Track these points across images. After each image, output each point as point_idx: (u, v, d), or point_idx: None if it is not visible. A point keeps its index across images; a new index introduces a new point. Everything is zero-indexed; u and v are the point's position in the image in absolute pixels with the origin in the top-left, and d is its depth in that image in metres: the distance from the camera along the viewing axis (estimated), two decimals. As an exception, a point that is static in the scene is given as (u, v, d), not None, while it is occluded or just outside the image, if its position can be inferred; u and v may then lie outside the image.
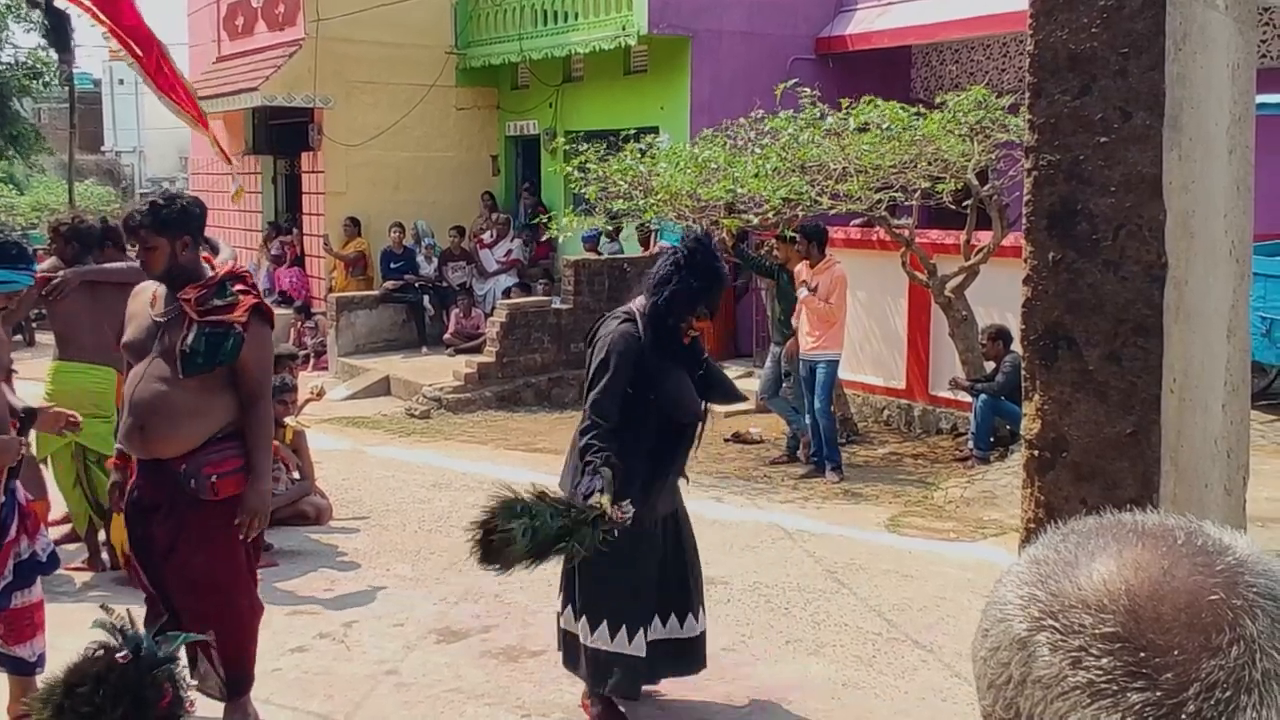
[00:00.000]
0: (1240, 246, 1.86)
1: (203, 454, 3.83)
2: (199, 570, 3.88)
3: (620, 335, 4.10)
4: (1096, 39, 1.70)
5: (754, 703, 4.38)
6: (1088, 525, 0.75)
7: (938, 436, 9.42)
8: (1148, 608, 0.67)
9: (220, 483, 3.84)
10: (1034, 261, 1.75)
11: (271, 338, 4.06)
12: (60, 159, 14.16)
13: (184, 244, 3.87)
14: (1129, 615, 0.67)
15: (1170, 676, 0.64)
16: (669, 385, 4.08)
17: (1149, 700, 0.64)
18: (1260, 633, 0.66)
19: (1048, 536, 0.75)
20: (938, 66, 13.86)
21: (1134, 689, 0.65)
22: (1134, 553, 0.70)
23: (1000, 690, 0.71)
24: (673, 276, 4.07)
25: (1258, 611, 0.66)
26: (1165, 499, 1.70)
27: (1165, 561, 0.69)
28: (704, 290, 4.09)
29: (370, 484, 7.97)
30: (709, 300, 4.13)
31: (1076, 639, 0.68)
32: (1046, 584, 0.71)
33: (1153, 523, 0.73)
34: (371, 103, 14.67)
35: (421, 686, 4.55)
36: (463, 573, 5.98)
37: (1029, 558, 0.75)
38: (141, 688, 3.11)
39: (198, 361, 3.80)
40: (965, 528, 6.87)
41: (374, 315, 13.81)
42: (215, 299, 3.85)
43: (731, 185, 8.68)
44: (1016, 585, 0.73)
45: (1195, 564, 0.69)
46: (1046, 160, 1.74)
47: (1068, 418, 1.72)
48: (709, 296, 4.12)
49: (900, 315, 9.86)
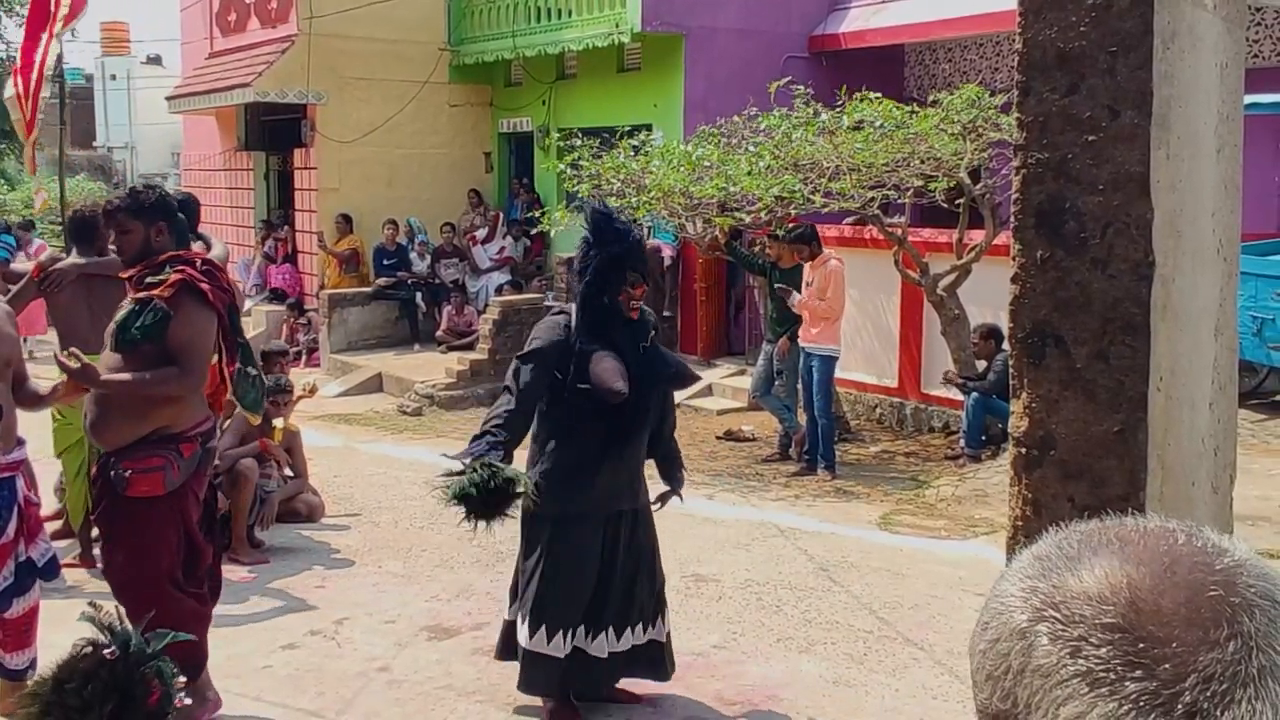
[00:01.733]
0: (1228, 245, 1.86)
1: (131, 449, 3.80)
2: (118, 568, 3.86)
3: (543, 325, 4.12)
4: (1085, 37, 1.70)
5: (745, 700, 4.38)
6: (1090, 525, 0.76)
7: (930, 434, 9.43)
8: (1148, 600, 0.68)
9: (134, 479, 3.78)
10: (1022, 260, 1.76)
11: (208, 319, 3.92)
12: (52, 154, 14.13)
13: (158, 230, 3.91)
14: (1129, 607, 0.68)
15: (1168, 667, 0.65)
16: (593, 367, 3.95)
17: (1146, 690, 0.65)
18: (1257, 630, 0.67)
19: (1051, 535, 0.77)
20: (931, 65, 13.87)
21: (1132, 678, 0.65)
22: (1136, 550, 0.71)
23: (999, 681, 0.72)
24: (588, 253, 4.07)
25: (1255, 610, 0.68)
26: (1152, 497, 1.71)
27: (1167, 559, 0.70)
28: (621, 254, 4.04)
29: (362, 481, 7.96)
30: (631, 261, 4.06)
31: (1077, 629, 0.68)
32: (1049, 577, 0.72)
33: (1154, 525, 0.74)
34: (364, 99, 14.64)
35: (413, 683, 4.55)
36: (454, 570, 5.99)
37: (1032, 554, 0.76)
38: (130, 684, 3.10)
39: (122, 336, 3.79)
40: (957, 526, 6.88)
41: (366, 312, 13.79)
42: (150, 276, 3.86)
43: (725, 183, 8.69)
44: (1019, 579, 0.74)
45: (1195, 562, 0.70)
46: (1035, 158, 1.74)
47: (1055, 416, 1.73)
48: (629, 258, 4.05)
49: (893, 313, 9.87)
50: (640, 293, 4.09)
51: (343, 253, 14.52)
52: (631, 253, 4.08)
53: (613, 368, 3.93)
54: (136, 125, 32.63)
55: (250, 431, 6.58)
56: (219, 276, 4.08)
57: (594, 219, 4.13)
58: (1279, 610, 0.68)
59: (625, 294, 4.04)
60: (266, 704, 4.34)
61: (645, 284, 4.14)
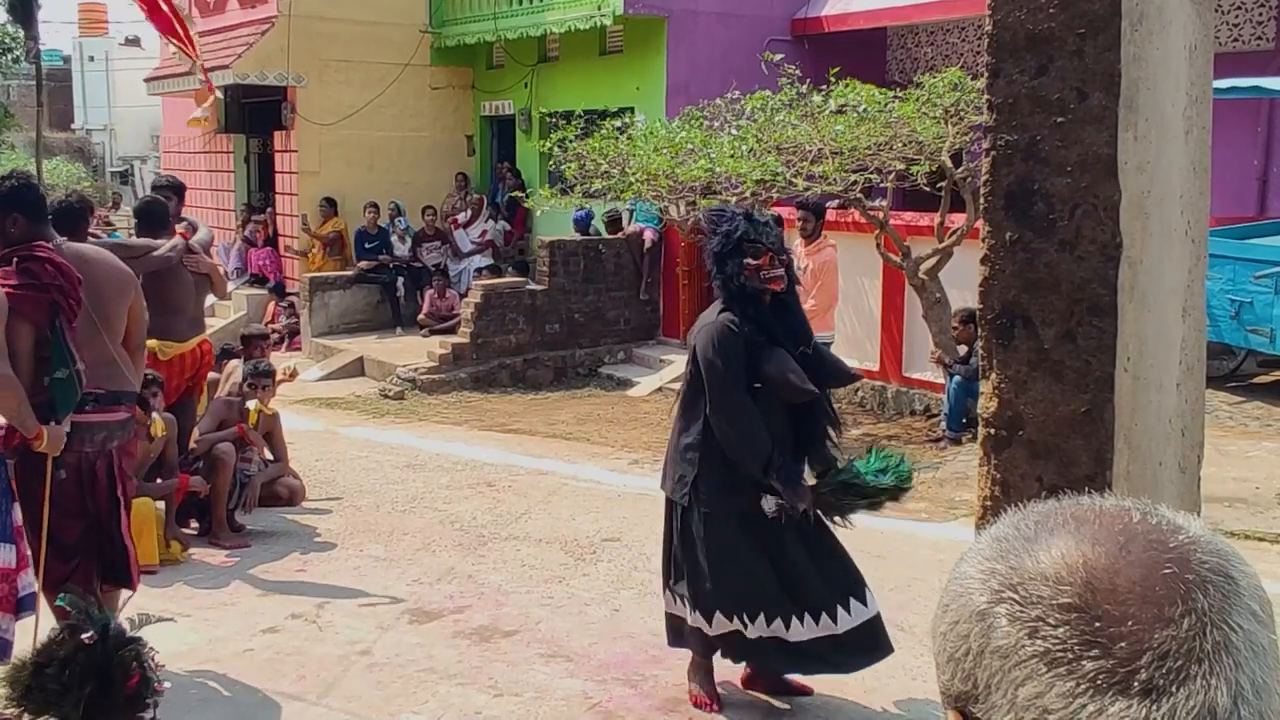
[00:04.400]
0: (1196, 227, 1.88)
1: None
2: None
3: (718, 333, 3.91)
4: (1054, 19, 1.70)
5: (725, 682, 4.40)
6: (1048, 506, 0.77)
7: (911, 418, 9.47)
8: (1104, 580, 0.68)
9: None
10: (991, 241, 1.77)
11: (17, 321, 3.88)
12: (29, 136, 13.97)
13: (13, 221, 3.96)
14: (1085, 587, 0.68)
15: (1124, 645, 0.66)
16: (769, 368, 3.85)
17: (1103, 668, 0.66)
18: (1210, 606, 0.68)
19: (1008, 516, 0.77)
20: (913, 49, 13.87)
21: (1089, 657, 0.66)
22: (1092, 530, 0.72)
23: (959, 663, 0.73)
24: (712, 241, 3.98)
25: (1209, 586, 0.68)
26: (1119, 477, 1.72)
27: (1122, 538, 0.71)
28: (731, 230, 3.89)
29: (344, 465, 7.95)
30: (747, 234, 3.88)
31: (1034, 609, 0.69)
32: (1006, 558, 0.73)
33: (1110, 504, 0.75)
34: (345, 82, 14.55)
35: (394, 667, 4.56)
36: (436, 554, 5.99)
37: (990, 536, 0.77)
38: (109, 668, 3.11)
39: None
40: (937, 508, 6.92)
41: (348, 296, 13.74)
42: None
43: (709, 164, 8.68)
44: (977, 561, 0.75)
45: (1150, 541, 0.71)
46: (1004, 140, 1.75)
47: (1023, 396, 1.74)
48: (742, 232, 3.89)
49: (874, 297, 9.90)
50: (767, 260, 3.90)
51: (326, 236, 14.46)
52: (744, 227, 3.92)
53: (793, 365, 3.84)
54: (115, 107, 32.32)
55: (229, 416, 6.56)
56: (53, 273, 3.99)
57: (706, 217, 4.10)
58: (1232, 586, 0.69)
59: (750, 267, 3.88)
60: (247, 688, 4.34)
61: (772, 253, 3.93)
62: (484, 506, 6.90)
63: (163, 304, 6.55)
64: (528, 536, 6.29)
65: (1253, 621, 0.69)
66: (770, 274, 3.90)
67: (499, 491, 7.26)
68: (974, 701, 0.72)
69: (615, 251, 12.42)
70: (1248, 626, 0.68)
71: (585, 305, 12.21)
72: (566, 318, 12.11)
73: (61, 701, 3.06)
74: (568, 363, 12.04)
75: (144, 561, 5.67)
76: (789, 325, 4.00)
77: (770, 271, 3.90)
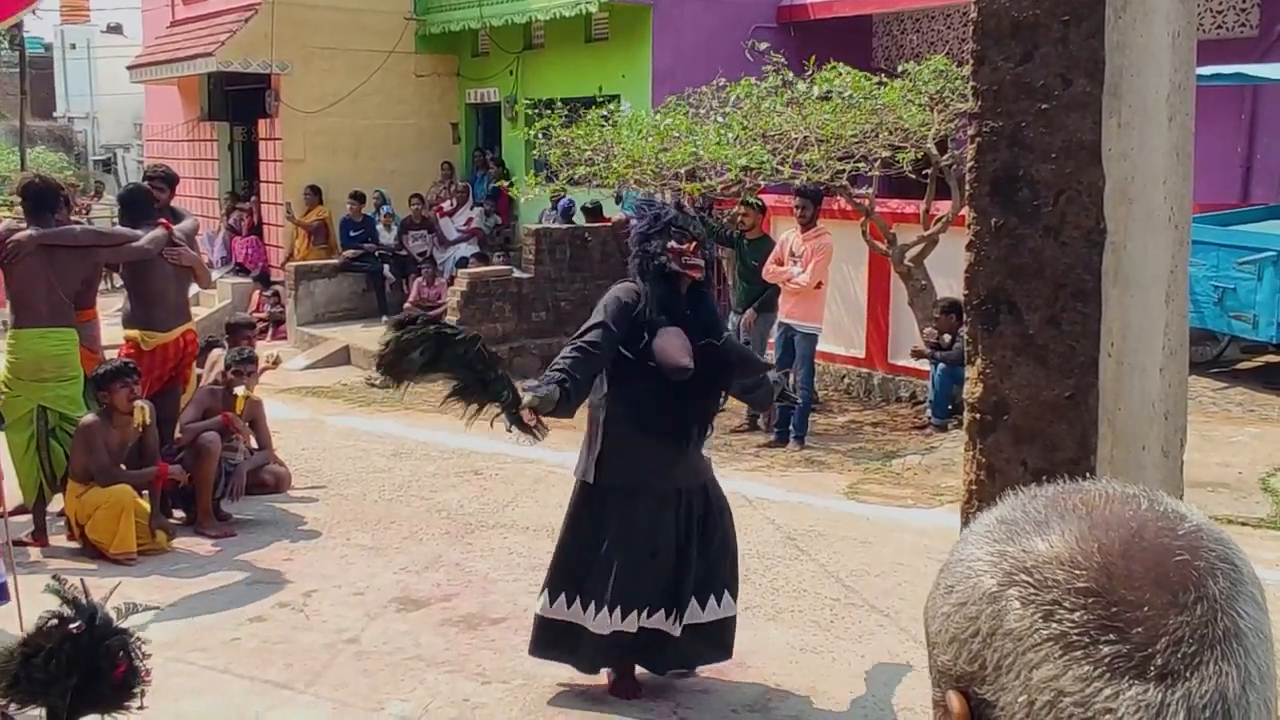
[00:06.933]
0: (1179, 213, 1.89)
1: None
2: None
3: (614, 292, 4.10)
4: (1039, 6, 1.71)
5: (712, 667, 4.42)
6: (1054, 490, 0.77)
7: (897, 405, 9.50)
8: (1120, 565, 0.69)
9: None
10: (977, 227, 1.77)
11: None
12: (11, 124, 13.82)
13: None
14: (1102, 571, 0.69)
15: (1140, 630, 0.67)
16: (657, 340, 3.96)
17: (1119, 653, 0.67)
18: (1221, 593, 0.68)
19: (1012, 500, 0.77)
20: (899, 36, 13.87)
21: (1105, 641, 0.67)
22: (1104, 515, 0.72)
23: (965, 644, 0.73)
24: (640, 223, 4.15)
25: (1218, 574, 0.69)
26: (1103, 460, 1.73)
27: (1134, 524, 0.71)
28: (658, 215, 4.09)
29: (330, 453, 7.93)
30: (672, 221, 4.06)
31: (1049, 593, 0.69)
32: (1018, 541, 0.73)
33: (1116, 489, 0.75)
34: (329, 69, 14.46)
35: (381, 655, 4.56)
36: (423, 542, 5.99)
37: (995, 518, 0.77)
38: (95, 658, 3.10)
39: None
40: (923, 494, 6.95)
41: (333, 284, 13.69)
42: None
43: (695, 150, 8.67)
44: (985, 543, 0.75)
45: (1160, 528, 0.71)
46: (989, 127, 1.75)
47: (1008, 381, 1.75)
48: (669, 220, 4.07)
49: (860, 284, 9.91)
50: (690, 248, 4.06)
51: (311, 224, 14.39)
52: (674, 214, 4.11)
53: (680, 344, 3.93)
54: (97, 95, 32.07)
55: (213, 405, 6.54)
56: None
57: (636, 205, 4.24)
58: (1238, 574, 0.70)
59: (674, 250, 4.03)
60: (234, 676, 4.34)
61: (695, 241, 4.09)
62: (471, 494, 6.90)
63: (144, 294, 6.52)
64: (514, 524, 6.29)
65: (1256, 609, 0.70)
66: (691, 260, 4.08)
67: (486, 479, 7.25)
68: (981, 682, 0.72)
69: (602, 240, 12.41)
70: (1253, 613, 0.69)
71: (572, 293, 12.19)
72: (553, 306, 12.09)
73: (48, 691, 3.04)
74: (554, 351, 11.93)
75: (122, 550, 5.66)
76: (699, 315, 4.13)
77: (691, 259, 4.07)
